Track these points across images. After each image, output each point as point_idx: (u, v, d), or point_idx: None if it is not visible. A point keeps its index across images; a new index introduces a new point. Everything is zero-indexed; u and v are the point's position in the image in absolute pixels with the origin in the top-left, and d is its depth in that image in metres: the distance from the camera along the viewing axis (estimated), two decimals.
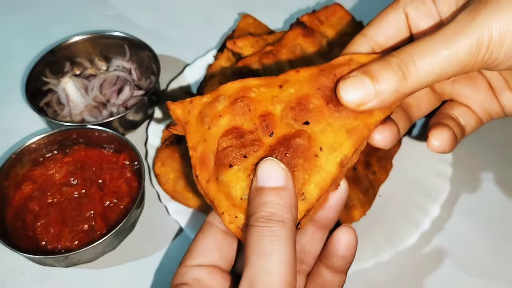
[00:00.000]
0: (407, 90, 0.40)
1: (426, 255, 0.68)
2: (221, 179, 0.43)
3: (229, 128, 0.44)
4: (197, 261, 0.46)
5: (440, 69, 0.39)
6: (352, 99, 0.41)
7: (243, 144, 0.44)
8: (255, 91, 0.45)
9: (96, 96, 0.83)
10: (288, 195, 0.40)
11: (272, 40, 0.78)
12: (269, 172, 0.40)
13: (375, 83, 0.40)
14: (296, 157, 0.42)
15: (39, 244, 0.64)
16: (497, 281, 0.66)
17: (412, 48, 0.40)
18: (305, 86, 0.45)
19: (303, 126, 0.44)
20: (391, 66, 0.40)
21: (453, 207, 0.73)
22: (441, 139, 0.46)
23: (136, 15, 1.04)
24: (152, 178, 0.73)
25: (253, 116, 0.45)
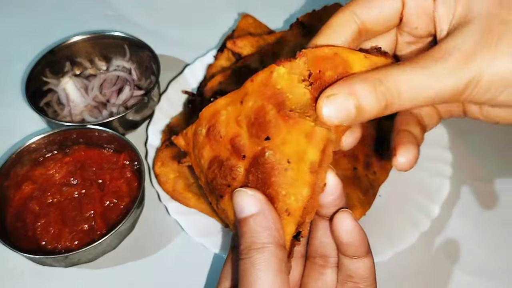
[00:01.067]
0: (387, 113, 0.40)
1: (426, 255, 0.68)
2: (221, 207, 0.45)
3: (211, 159, 0.46)
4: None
5: (423, 102, 0.40)
6: (332, 118, 0.40)
7: (224, 173, 0.44)
8: (223, 113, 0.45)
9: (96, 96, 0.83)
10: (263, 219, 0.40)
11: (272, 40, 0.78)
12: (240, 203, 0.41)
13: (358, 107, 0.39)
14: (268, 176, 0.41)
15: (39, 244, 0.64)
16: (497, 281, 0.66)
17: (400, 77, 0.39)
18: (259, 96, 0.43)
19: (265, 142, 0.42)
20: (376, 93, 0.39)
21: (453, 207, 0.73)
22: (408, 155, 0.45)
23: (136, 15, 1.04)
24: (152, 178, 0.73)
25: (225, 141, 0.45)
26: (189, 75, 0.86)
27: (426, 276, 0.67)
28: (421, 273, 0.67)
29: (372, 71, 0.41)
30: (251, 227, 0.40)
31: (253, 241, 0.39)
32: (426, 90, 0.39)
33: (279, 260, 0.39)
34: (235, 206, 0.41)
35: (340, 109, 0.40)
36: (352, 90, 0.39)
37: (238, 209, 0.41)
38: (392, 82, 0.39)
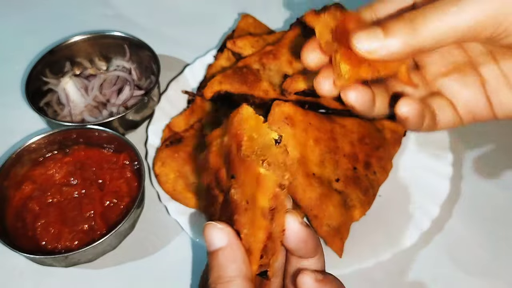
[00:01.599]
0: (415, 42, 0.41)
1: (426, 255, 0.68)
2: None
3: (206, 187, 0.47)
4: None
5: (451, 27, 0.40)
6: (363, 47, 0.41)
7: (212, 203, 0.45)
8: (215, 144, 0.45)
9: (96, 96, 0.83)
10: (230, 252, 0.39)
11: (272, 40, 0.78)
12: (209, 237, 0.40)
13: (386, 33, 0.41)
14: (233, 213, 0.41)
15: (39, 244, 0.64)
16: (497, 281, 0.66)
17: (427, 6, 0.41)
18: (228, 134, 0.43)
19: (232, 180, 0.42)
20: (403, 19, 0.41)
21: (453, 207, 0.73)
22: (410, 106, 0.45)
23: (136, 15, 1.04)
24: (152, 178, 0.73)
25: (212, 172, 0.45)
26: (189, 75, 0.86)
27: (426, 276, 0.67)
28: (421, 273, 0.67)
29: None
30: (219, 260, 0.39)
31: (220, 275, 0.39)
32: (454, 12, 0.39)
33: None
34: (206, 240, 0.41)
35: (369, 37, 0.41)
36: (382, 24, 0.42)
37: (208, 243, 0.41)
38: (419, 10, 0.41)
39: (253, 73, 0.71)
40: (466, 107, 0.48)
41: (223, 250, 0.40)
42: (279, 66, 0.72)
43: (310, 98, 0.70)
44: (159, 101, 0.82)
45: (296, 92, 0.67)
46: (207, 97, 0.71)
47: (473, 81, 0.48)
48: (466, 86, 0.48)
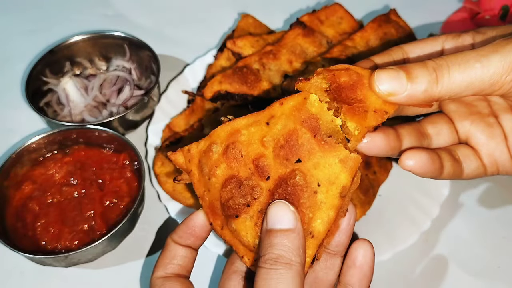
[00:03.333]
0: (436, 93, 0.42)
1: (426, 254, 0.68)
2: (232, 227, 0.45)
3: (227, 178, 0.45)
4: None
5: (470, 80, 0.41)
6: (384, 88, 0.42)
7: (243, 193, 0.44)
8: (244, 133, 0.45)
9: (96, 96, 0.83)
10: (296, 237, 0.41)
11: (272, 40, 0.78)
12: (278, 214, 0.41)
13: (409, 78, 0.42)
14: (296, 198, 0.42)
15: (39, 244, 0.64)
16: (497, 281, 0.66)
17: (449, 57, 0.42)
18: (291, 120, 0.44)
19: (296, 164, 0.43)
20: (427, 67, 0.42)
21: (453, 207, 0.73)
22: (417, 159, 0.46)
23: (136, 15, 1.04)
24: (152, 178, 0.73)
25: (246, 161, 0.44)
26: (189, 75, 0.86)
27: (426, 276, 0.67)
28: (421, 273, 0.67)
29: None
30: (283, 241, 0.40)
31: (282, 255, 0.40)
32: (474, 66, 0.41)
33: (301, 280, 0.40)
34: (270, 216, 0.42)
35: (392, 78, 0.42)
36: (403, 66, 0.43)
37: (273, 219, 0.41)
38: (442, 60, 0.42)
39: (253, 73, 0.71)
40: (490, 157, 0.50)
41: (290, 233, 0.41)
42: (279, 66, 0.72)
43: None
44: (159, 101, 0.82)
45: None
46: (207, 97, 0.71)
47: (498, 133, 0.50)
48: (491, 137, 0.50)
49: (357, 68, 0.45)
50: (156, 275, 0.47)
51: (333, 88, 0.43)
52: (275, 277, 0.39)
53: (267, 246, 0.41)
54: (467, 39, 0.49)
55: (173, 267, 0.47)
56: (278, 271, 0.39)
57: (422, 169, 0.47)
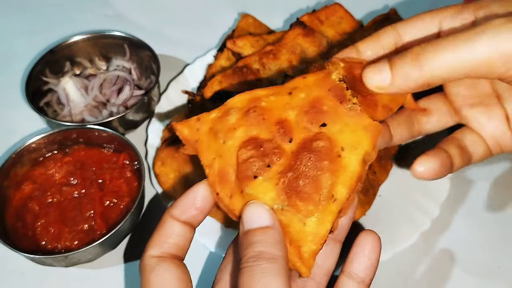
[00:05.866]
0: (421, 78, 0.41)
1: (426, 255, 0.68)
2: (247, 191, 0.42)
3: (246, 139, 0.44)
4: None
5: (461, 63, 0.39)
6: (372, 83, 0.43)
7: (264, 153, 0.43)
8: (265, 101, 0.45)
9: (96, 96, 0.83)
10: (276, 233, 0.40)
11: (272, 40, 0.78)
12: (253, 214, 0.40)
13: (392, 68, 0.42)
14: (321, 159, 0.42)
15: (39, 244, 0.64)
16: (497, 281, 0.66)
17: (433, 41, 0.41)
18: (315, 89, 0.45)
19: (320, 128, 0.43)
20: (410, 53, 0.41)
21: (453, 207, 0.73)
22: (427, 165, 0.47)
23: (136, 15, 1.04)
24: (152, 178, 0.73)
25: (268, 124, 0.44)
26: (189, 75, 0.86)
27: (426, 276, 0.67)
28: (421, 273, 0.67)
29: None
30: (262, 238, 0.39)
31: (264, 251, 0.38)
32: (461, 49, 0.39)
33: (287, 274, 0.38)
34: (246, 217, 0.41)
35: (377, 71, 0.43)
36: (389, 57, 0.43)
37: (249, 220, 0.40)
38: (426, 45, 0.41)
39: (253, 73, 0.71)
40: (493, 138, 0.50)
41: (268, 230, 0.40)
42: (279, 66, 0.72)
43: None
44: (159, 101, 0.82)
45: None
46: (207, 97, 0.71)
47: (498, 114, 0.49)
48: (491, 118, 0.50)
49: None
50: (149, 253, 0.42)
51: (348, 78, 0.45)
52: (259, 271, 0.37)
53: (247, 246, 0.39)
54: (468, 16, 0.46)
55: (169, 246, 0.43)
56: (261, 266, 0.37)
57: (435, 175, 0.47)
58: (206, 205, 0.44)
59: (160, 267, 0.41)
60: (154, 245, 0.43)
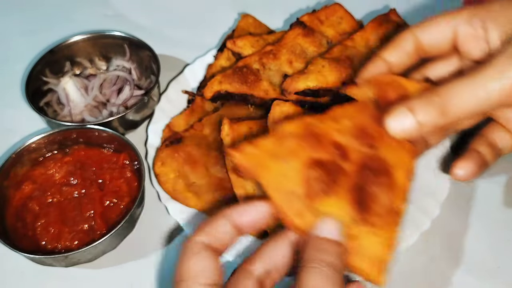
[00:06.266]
0: (445, 123, 0.47)
1: (425, 255, 0.68)
2: (318, 208, 0.46)
3: (310, 161, 0.47)
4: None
5: (477, 107, 0.46)
6: (396, 132, 0.48)
7: (331, 173, 0.47)
8: (316, 127, 0.50)
9: (96, 96, 0.83)
10: (343, 250, 0.43)
11: (272, 40, 0.78)
12: (328, 226, 0.44)
13: (417, 116, 0.46)
14: (379, 177, 0.48)
15: (39, 244, 0.64)
16: (497, 281, 0.66)
17: (451, 88, 0.46)
18: (358, 117, 0.51)
19: (371, 150, 0.49)
20: (431, 104, 0.46)
21: (453, 207, 0.73)
22: (466, 168, 0.52)
23: (136, 15, 1.04)
24: (152, 178, 0.73)
25: (326, 147, 0.49)
26: (189, 75, 0.86)
27: (426, 276, 0.67)
28: (421, 273, 0.67)
29: (426, 90, 0.49)
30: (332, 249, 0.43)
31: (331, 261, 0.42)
32: (475, 95, 0.45)
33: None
34: (322, 226, 0.44)
35: (401, 120, 0.47)
36: (410, 105, 0.47)
37: (323, 229, 0.44)
38: (447, 92, 0.46)
39: (253, 73, 0.71)
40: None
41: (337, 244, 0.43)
42: (279, 66, 0.72)
43: (310, 98, 0.70)
44: (159, 101, 0.82)
45: (296, 92, 0.67)
46: (207, 97, 0.71)
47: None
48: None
49: (401, 80, 0.52)
50: (198, 238, 0.44)
51: (378, 99, 0.51)
52: (324, 275, 0.40)
53: (315, 250, 0.42)
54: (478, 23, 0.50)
55: (216, 240, 0.45)
56: (325, 271, 0.40)
57: (473, 176, 0.53)
58: (261, 222, 0.47)
59: (204, 253, 0.44)
60: (204, 233, 0.45)
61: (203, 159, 0.71)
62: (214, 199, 0.69)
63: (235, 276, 0.45)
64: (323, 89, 0.67)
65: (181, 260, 0.44)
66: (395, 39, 0.54)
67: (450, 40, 0.52)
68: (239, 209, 0.47)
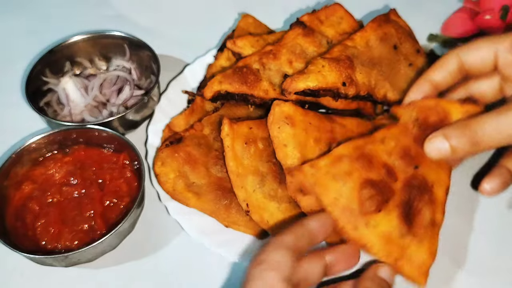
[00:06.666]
0: (475, 152, 0.54)
1: None
2: (372, 223, 0.55)
3: (363, 181, 0.56)
4: None
5: (502, 141, 0.53)
6: (433, 155, 0.56)
7: (382, 191, 0.56)
8: (366, 148, 0.58)
9: (96, 96, 0.83)
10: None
11: (272, 40, 0.78)
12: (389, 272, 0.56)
13: (452, 146, 0.54)
14: (423, 194, 0.58)
15: (39, 244, 0.64)
16: (496, 281, 0.66)
17: (485, 121, 0.53)
18: (401, 139, 0.59)
19: (415, 170, 0.58)
20: (464, 135, 0.54)
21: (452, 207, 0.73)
22: (492, 184, 0.57)
23: (136, 15, 1.04)
24: (152, 178, 0.73)
25: (376, 168, 0.57)
26: (189, 75, 0.86)
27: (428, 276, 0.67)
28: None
29: (463, 119, 0.57)
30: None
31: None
32: (500, 132, 0.52)
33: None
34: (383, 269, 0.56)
35: (438, 148, 0.55)
36: (446, 134, 0.55)
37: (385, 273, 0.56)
38: (477, 126, 0.53)
39: (253, 73, 0.71)
40: None
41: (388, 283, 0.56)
42: (279, 66, 0.72)
43: (310, 98, 0.70)
44: (159, 101, 0.82)
45: (296, 92, 0.67)
46: (207, 97, 0.71)
47: None
48: None
49: (444, 104, 0.59)
50: (285, 237, 0.53)
51: (420, 121, 0.59)
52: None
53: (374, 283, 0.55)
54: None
55: (298, 242, 0.53)
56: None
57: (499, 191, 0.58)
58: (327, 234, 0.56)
59: (285, 250, 0.52)
60: (290, 234, 0.54)
61: (203, 159, 0.71)
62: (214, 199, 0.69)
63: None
64: (323, 89, 0.67)
65: (264, 250, 0.51)
66: (440, 60, 0.62)
67: (491, 63, 0.59)
68: (321, 219, 0.55)
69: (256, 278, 0.49)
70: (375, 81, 0.71)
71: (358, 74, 0.70)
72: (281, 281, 0.48)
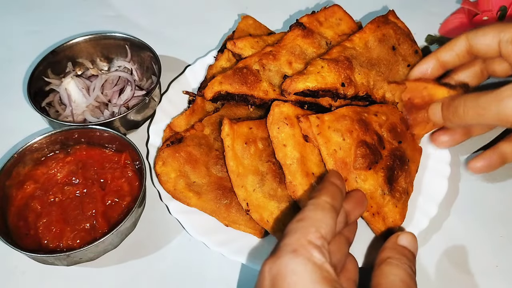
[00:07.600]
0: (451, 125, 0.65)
1: (424, 254, 0.69)
2: (362, 178, 0.63)
3: (360, 141, 0.64)
4: None
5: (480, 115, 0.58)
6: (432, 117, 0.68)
7: (374, 153, 0.64)
8: (364, 116, 0.66)
9: (97, 96, 0.83)
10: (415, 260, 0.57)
11: (271, 41, 0.78)
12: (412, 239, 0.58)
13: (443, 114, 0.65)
14: (403, 164, 0.67)
15: (41, 243, 0.65)
16: (495, 280, 0.67)
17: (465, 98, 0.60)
18: (390, 116, 0.69)
19: (398, 144, 0.68)
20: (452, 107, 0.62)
21: (451, 207, 0.74)
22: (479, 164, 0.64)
23: (137, 16, 1.05)
24: (153, 178, 0.74)
25: (371, 133, 0.65)
26: (190, 76, 0.86)
27: (425, 275, 0.67)
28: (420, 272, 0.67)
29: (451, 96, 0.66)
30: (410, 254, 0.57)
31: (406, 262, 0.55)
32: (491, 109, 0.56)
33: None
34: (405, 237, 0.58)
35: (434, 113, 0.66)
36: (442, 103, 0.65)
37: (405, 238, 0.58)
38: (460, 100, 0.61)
39: (253, 73, 0.72)
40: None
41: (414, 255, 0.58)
42: (279, 66, 0.73)
43: (310, 98, 0.70)
44: (160, 101, 0.83)
45: (296, 92, 0.68)
46: (208, 97, 0.72)
47: None
48: None
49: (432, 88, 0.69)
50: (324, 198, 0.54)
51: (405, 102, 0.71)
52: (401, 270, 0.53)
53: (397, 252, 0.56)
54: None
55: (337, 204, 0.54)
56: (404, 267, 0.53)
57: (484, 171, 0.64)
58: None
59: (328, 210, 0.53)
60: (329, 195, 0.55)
61: (204, 158, 0.71)
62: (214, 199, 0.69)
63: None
64: (322, 89, 0.68)
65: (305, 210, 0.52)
66: (451, 41, 0.67)
67: (496, 49, 0.63)
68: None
69: (295, 232, 0.49)
70: (374, 81, 0.72)
71: (357, 75, 0.70)
72: (320, 238, 0.49)
